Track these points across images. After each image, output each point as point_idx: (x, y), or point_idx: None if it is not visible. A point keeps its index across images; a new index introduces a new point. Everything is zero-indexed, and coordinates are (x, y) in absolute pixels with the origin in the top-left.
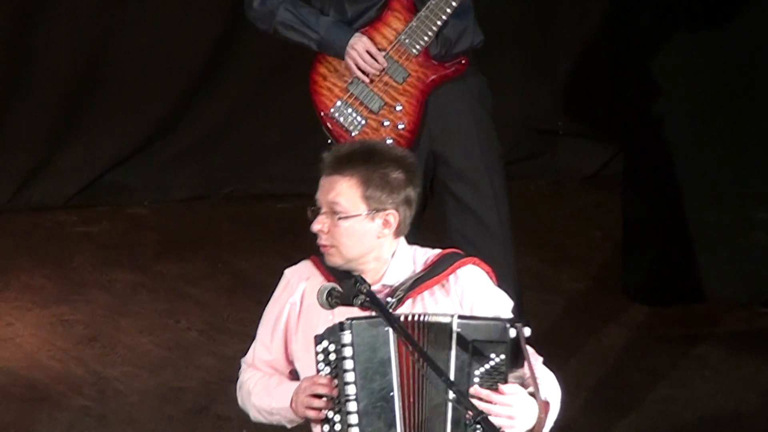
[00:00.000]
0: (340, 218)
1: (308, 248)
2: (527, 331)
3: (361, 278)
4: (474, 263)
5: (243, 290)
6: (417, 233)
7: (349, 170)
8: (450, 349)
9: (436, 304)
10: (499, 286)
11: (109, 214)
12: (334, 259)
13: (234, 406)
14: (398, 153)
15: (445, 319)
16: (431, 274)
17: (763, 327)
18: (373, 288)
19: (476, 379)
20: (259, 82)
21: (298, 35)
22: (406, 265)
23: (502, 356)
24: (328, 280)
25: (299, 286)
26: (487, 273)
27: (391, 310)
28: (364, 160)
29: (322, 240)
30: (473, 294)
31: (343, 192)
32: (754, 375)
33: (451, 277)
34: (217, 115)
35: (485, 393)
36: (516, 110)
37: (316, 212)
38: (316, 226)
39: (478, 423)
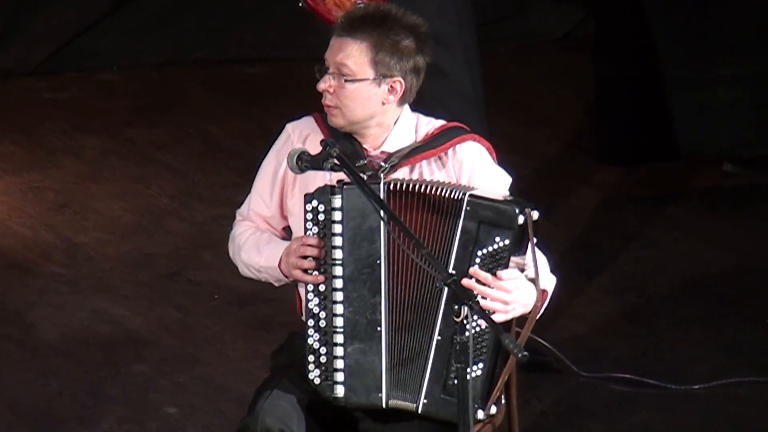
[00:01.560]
0: (346, 80)
1: (280, 113)
2: (536, 215)
3: (332, 142)
4: (474, 139)
5: (214, 155)
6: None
7: (361, 33)
8: (456, 225)
9: (431, 176)
10: None
11: (78, 81)
12: (337, 120)
13: (206, 271)
14: (411, 21)
15: (457, 194)
16: (430, 145)
17: (731, 186)
18: (373, 154)
19: (477, 260)
20: None
21: None
22: (407, 134)
23: (507, 241)
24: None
25: (299, 142)
26: (487, 149)
27: (383, 176)
28: (377, 24)
29: (327, 100)
30: (471, 170)
31: (352, 54)
32: (722, 234)
33: (450, 151)
34: None
35: (483, 275)
36: None
37: (323, 71)
38: (322, 85)
39: (448, 286)
